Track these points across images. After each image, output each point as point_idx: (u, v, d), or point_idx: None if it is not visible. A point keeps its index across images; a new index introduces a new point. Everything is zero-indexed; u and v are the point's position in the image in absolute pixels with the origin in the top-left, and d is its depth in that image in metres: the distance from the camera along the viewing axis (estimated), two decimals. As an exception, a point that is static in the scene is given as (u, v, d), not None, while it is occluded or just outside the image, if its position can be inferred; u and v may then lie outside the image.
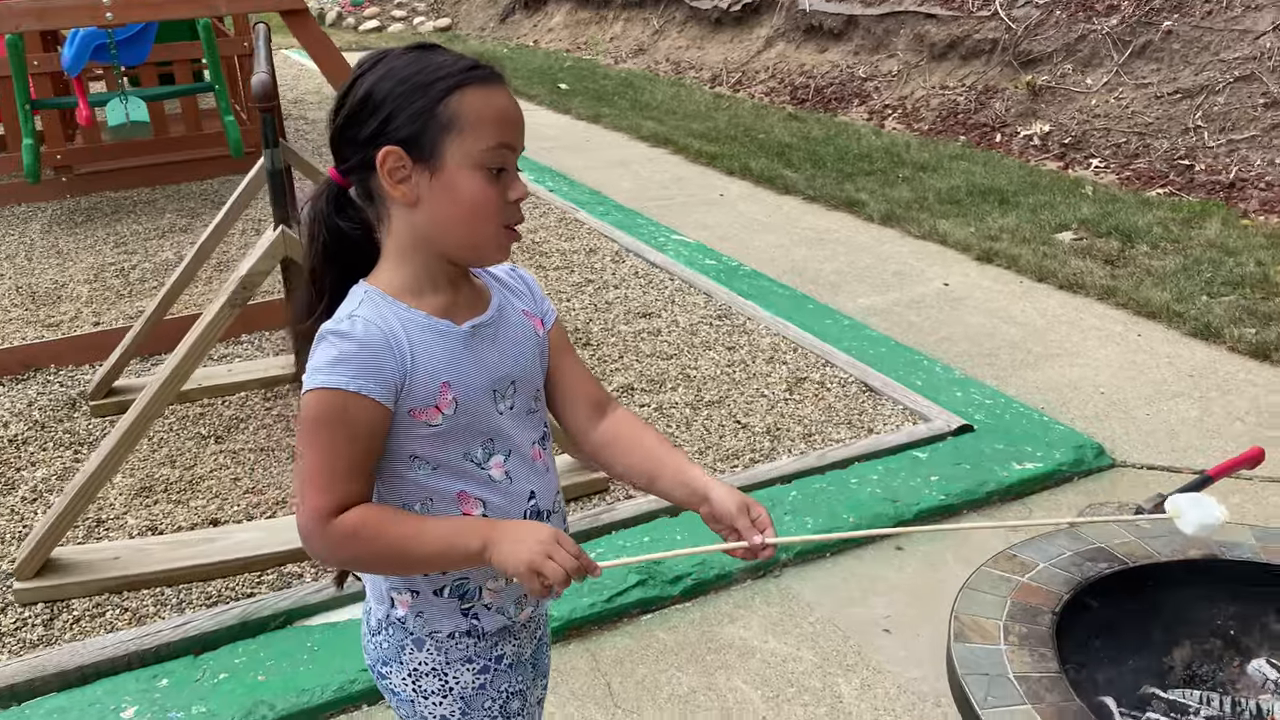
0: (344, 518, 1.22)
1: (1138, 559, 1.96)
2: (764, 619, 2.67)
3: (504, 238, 1.28)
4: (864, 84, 9.17)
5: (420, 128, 1.21)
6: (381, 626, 1.39)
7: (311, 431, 1.22)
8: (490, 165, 1.23)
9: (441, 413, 1.26)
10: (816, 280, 5.00)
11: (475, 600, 1.35)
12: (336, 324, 1.23)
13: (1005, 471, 3.20)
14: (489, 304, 1.34)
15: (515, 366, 1.34)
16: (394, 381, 1.22)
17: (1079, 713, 1.55)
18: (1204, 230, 5.44)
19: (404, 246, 1.27)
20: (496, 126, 1.23)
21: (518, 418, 1.34)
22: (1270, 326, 4.23)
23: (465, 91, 1.22)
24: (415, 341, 1.24)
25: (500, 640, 1.40)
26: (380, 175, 1.23)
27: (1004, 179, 6.53)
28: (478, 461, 1.30)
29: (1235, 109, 6.54)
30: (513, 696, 1.42)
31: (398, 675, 1.38)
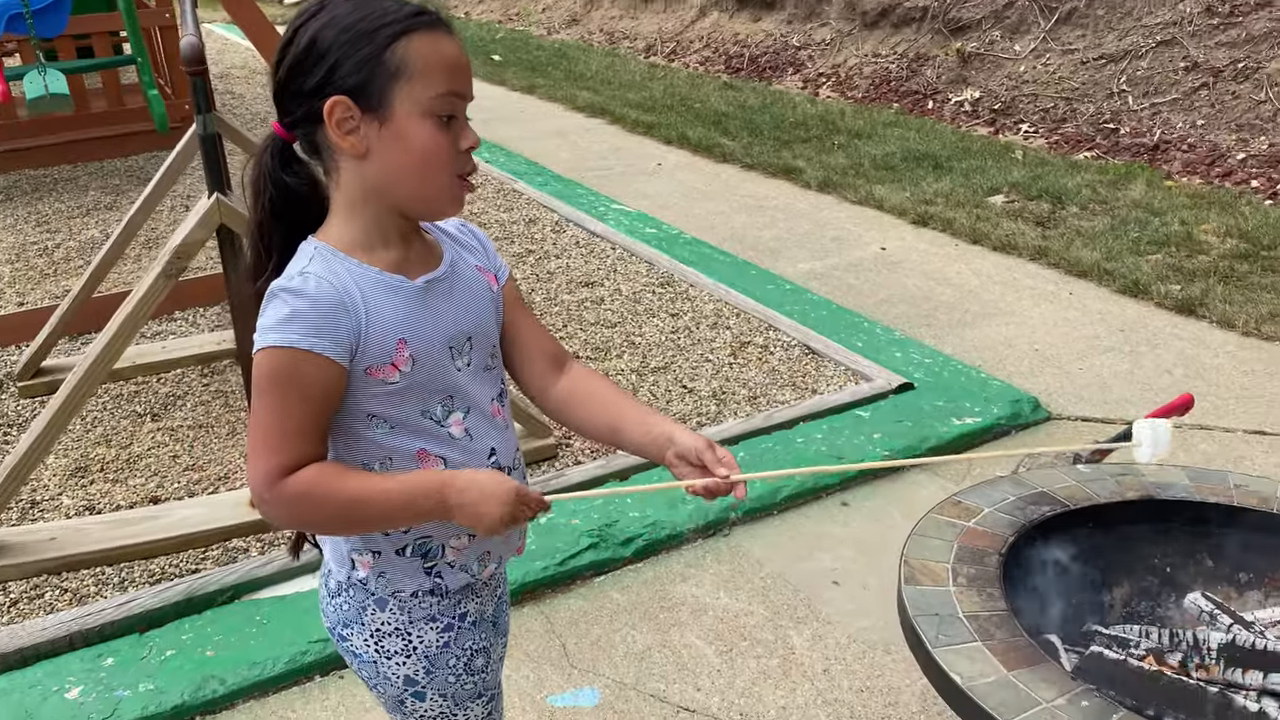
0: (295, 478, 1.20)
1: (1078, 501, 2.02)
2: (715, 576, 2.69)
3: (456, 188, 1.25)
4: (798, 53, 9.21)
5: (367, 76, 1.18)
6: (342, 589, 1.37)
7: (264, 391, 1.19)
8: (440, 112, 1.20)
9: (399, 370, 1.24)
10: (757, 246, 5.03)
11: (438, 558, 1.34)
12: (288, 281, 1.19)
13: (945, 427, 3.26)
14: (442, 259, 1.32)
15: (471, 322, 1.32)
16: (348, 339, 1.20)
17: (1027, 648, 1.60)
18: (1130, 191, 5.57)
19: (353, 200, 1.24)
20: (446, 73, 1.21)
21: (476, 374, 1.33)
22: (1194, 283, 4.37)
23: (412, 37, 1.19)
24: (369, 298, 1.22)
25: (463, 598, 1.38)
26: (328, 127, 1.19)
27: (937, 144, 6.62)
28: (437, 419, 1.29)
29: (1157, 73, 6.70)
30: (477, 654, 1.41)
31: (359, 637, 1.37)
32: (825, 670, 2.36)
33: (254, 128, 7.14)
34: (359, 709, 2.28)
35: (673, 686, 2.32)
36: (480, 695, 1.44)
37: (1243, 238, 4.81)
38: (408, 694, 1.39)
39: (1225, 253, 4.68)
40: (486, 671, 1.44)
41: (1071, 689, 1.50)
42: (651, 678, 2.35)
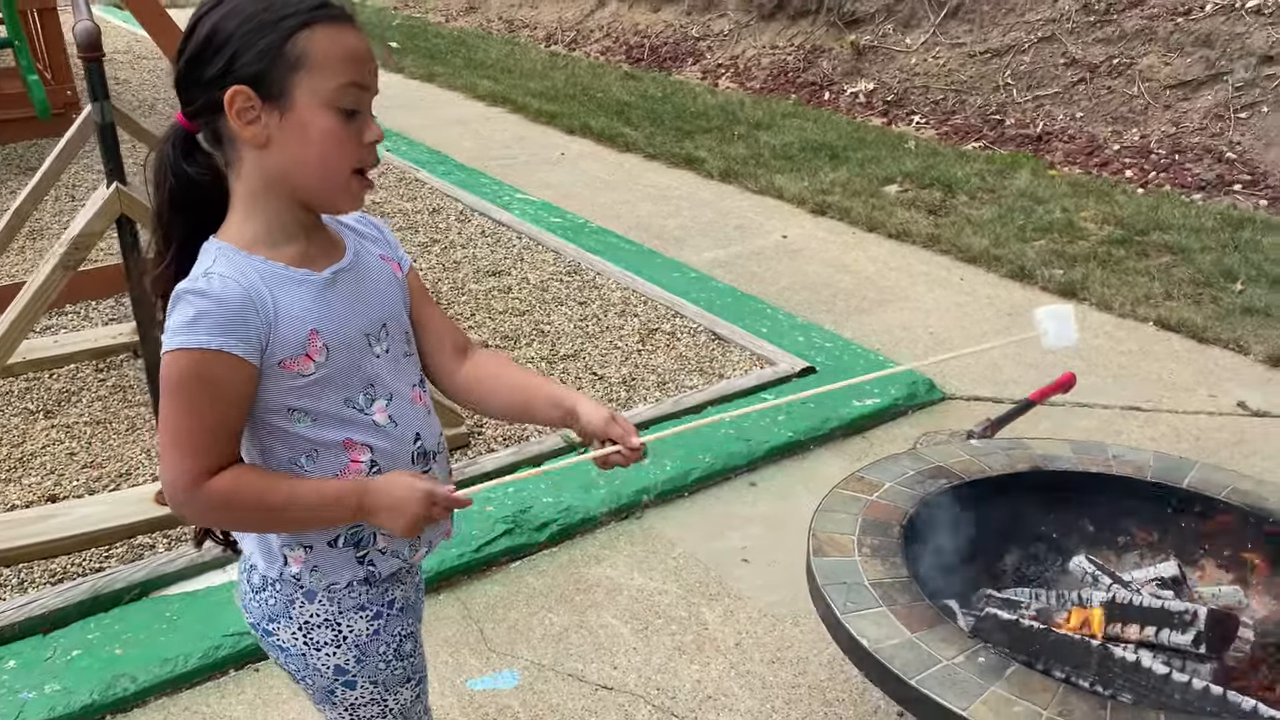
0: (216, 481, 1.21)
1: (972, 474, 2.14)
2: (629, 558, 2.75)
3: (356, 185, 1.26)
4: (697, 43, 9.31)
5: (268, 65, 1.18)
6: (268, 584, 1.37)
7: (174, 393, 1.20)
8: (342, 105, 1.21)
9: (313, 360, 1.25)
10: (661, 235, 5.10)
11: (370, 546, 1.35)
12: (192, 283, 1.20)
13: (846, 409, 3.38)
14: (345, 251, 1.33)
15: (384, 309, 1.34)
16: (257, 337, 1.21)
17: (928, 611, 1.70)
18: (1016, 180, 5.82)
19: (254, 190, 1.25)
20: (347, 64, 1.21)
21: (394, 361, 1.35)
22: (1076, 267, 4.60)
23: (314, 29, 1.19)
24: (276, 293, 1.23)
25: (390, 585, 1.40)
26: (229, 116, 1.19)
27: (834, 135, 6.79)
28: (359, 407, 1.30)
29: (1040, 68, 7.00)
30: (405, 639, 1.44)
31: (286, 631, 1.37)
32: (737, 644, 2.44)
33: (142, 114, 6.91)
34: (276, 701, 2.27)
35: (590, 666, 2.37)
36: (409, 679, 1.47)
37: (1118, 224, 5.09)
38: (338, 683, 1.40)
39: (1103, 239, 4.94)
40: (415, 656, 1.46)
41: (969, 647, 1.60)
42: (569, 658, 2.40)
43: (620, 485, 2.96)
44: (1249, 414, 3.44)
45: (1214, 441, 3.26)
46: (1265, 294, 4.22)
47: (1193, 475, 2.09)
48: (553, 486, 2.94)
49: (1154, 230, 4.97)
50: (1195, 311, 4.12)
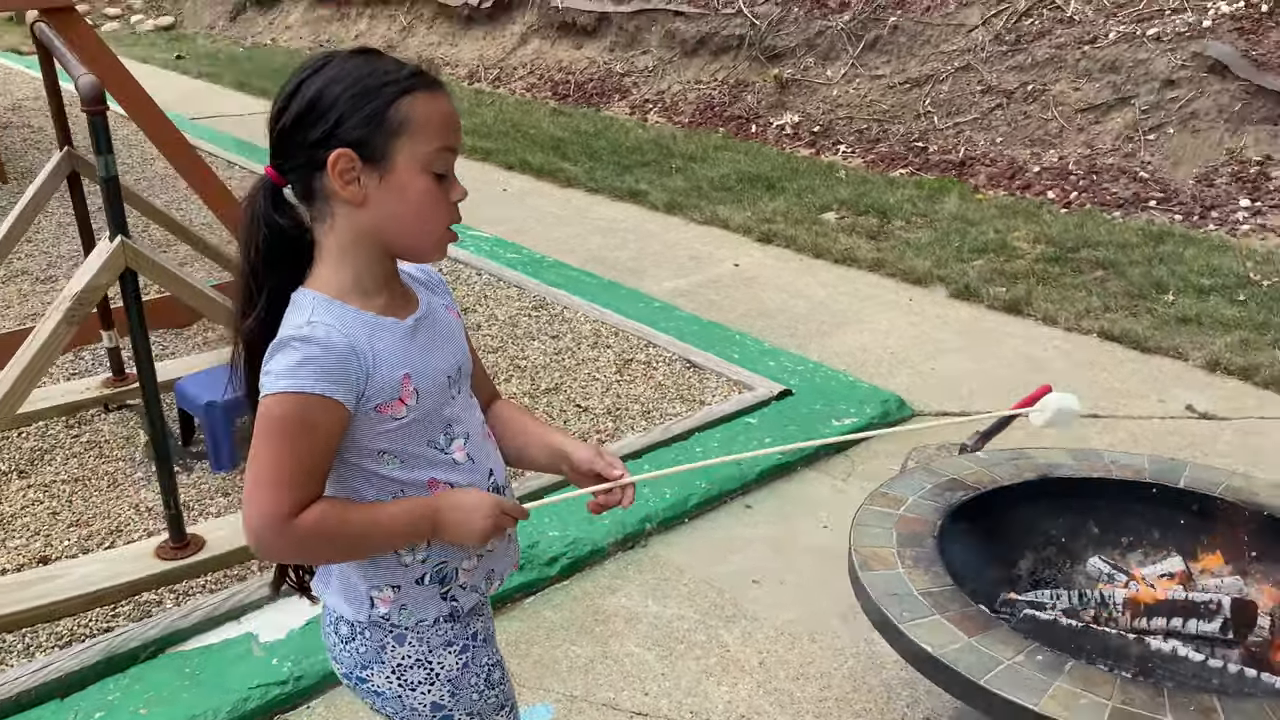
0: (304, 517, 1.26)
1: (985, 485, 2.26)
2: (641, 586, 2.80)
3: (445, 237, 1.33)
4: (622, 79, 9.47)
5: (371, 131, 1.24)
6: (356, 632, 1.41)
7: (275, 434, 1.24)
8: (437, 168, 1.28)
9: (405, 404, 1.31)
10: (618, 267, 5.18)
11: (453, 582, 1.40)
12: (296, 330, 1.25)
13: (827, 428, 3.50)
14: (419, 302, 1.39)
15: (459, 354, 1.41)
16: (356, 382, 1.26)
17: (979, 616, 1.80)
18: (945, 204, 6.08)
19: (345, 244, 1.30)
20: (442, 130, 1.28)
21: (466, 402, 1.42)
22: (1017, 284, 4.83)
23: (415, 96, 1.26)
24: (373, 340, 1.29)
25: (471, 619, 1.45)
26: (330, 175, 1.25)
27: (767, 166, 6.99)
28: (441, 447, 1.36)
29: (958, 96, 7.32)
30: (493, 668, 1.49)
31: (380, 675, 1.41)
32: (761, 663, 2.51)
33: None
34: (313, 750, 2.25)
35: (622, 694, 2.41)
36: (503, 707, 1.51)
37: (1049, 243, 5.35)
38: (436, 719, 1.44)
39: (1037, 257, 5.20)
40: (505, 683, 1.52)
41: (1026, 647, 1.70)
42: (600, 688, 2.43)
43: (624, 515, 3.00)
44: (1197, 416, 3.67)
45: (1171, 444, 3.46)
46: (1195, 303, 4.50)
47: (1187, 475, 2.24)
48: (557, 520, 2.98)
49: (1084, 247, 5.25)
50: (1135, 322, 4.37)
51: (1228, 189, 5.81)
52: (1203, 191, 5.87)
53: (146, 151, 6.88)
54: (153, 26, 15.29)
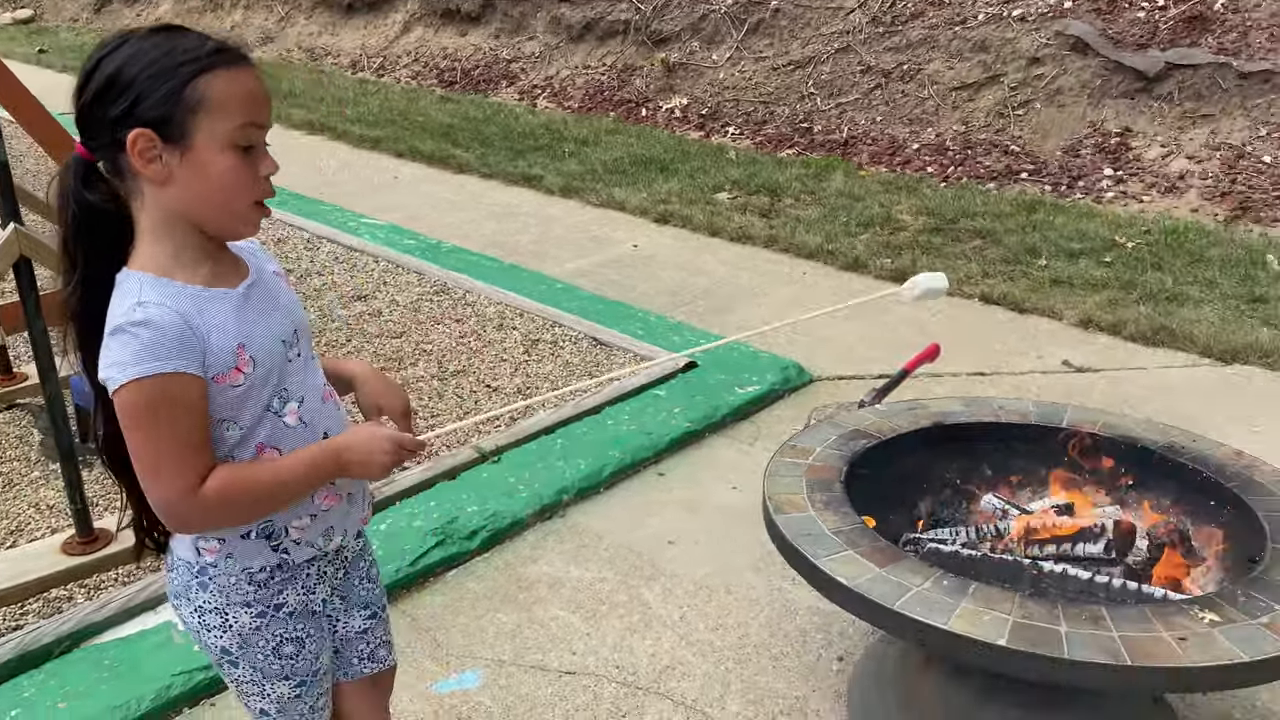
0: (209, 485, 1.30)
1: (886, 433, 2.39)
2: (562, 554, 2.87)
3: (254, 213, 1.34)
4: (509, 65, 9.45)
5: (170, 110, 1.24)
6: (175, 565, 1.47)
7: (146, 419, 1.27)
8: (239, 143, 1.28)
9: (242, 373, 1.33)
10: (518, 251, 5.21)
11: (284, 538, 1.45)
12: (128, 315, 1.26)
13: (732, 396, 3.62)
14: (249, 269, 1.40)
15: (294, 316, 1.44)
16: (198, 354, 1.29)
17: (888, 549, 1.92)
18: (832, 182, 6.28)
19: (158, 222, 1.31)
20: (244, 106, 1.28)
21: (305, 364, 1.45)
22: (902, 255, 5.04)
23: (214, 74, 1.26)
24: (203, 312, 1.30)
25: (285, 588, 1.48)
26: (130, 155, 1.25)
27: (658, 149, 7.09)
28: (276, 411, 1.39)
29: (839, 77, 7.55)
30: (288, 642, 1.51)
31: (186, 609, 1.48)
32: (682, 617, 2.60)
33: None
34: (243, 731, 2.25)
35: (549, 655, 2.48)
36: (289, 678, 1.54)
37: (930, 215, 5.60)
38: (224, 661, 1.51)
39: (920, 228, 5.43)
40: (297, 660, 1.53)
41: (932, 574, 1.83)
42: (528, 651, 2.49)
43: (540, 488, 3.06)
44: (1073, 370, 3.92)
45: (1050, 395, 3.69)
46: (1066, 267, 4.78)
47: (1069, 416, 2.42)
48: (477, 495, 3.01)
49: (962, 218, 5.50)
50: (1012, 286, 4.62)
51: (1092, 159, 6.16)
52: (1069, 162, 6.21)
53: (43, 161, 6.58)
54: (11, 20, 14.53)
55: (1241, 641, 1.63)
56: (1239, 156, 5.76)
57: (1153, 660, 1.60)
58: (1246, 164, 5.71)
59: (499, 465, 3.17)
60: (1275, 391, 3.70)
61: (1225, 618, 1.69)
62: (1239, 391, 3.71)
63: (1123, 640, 1.64)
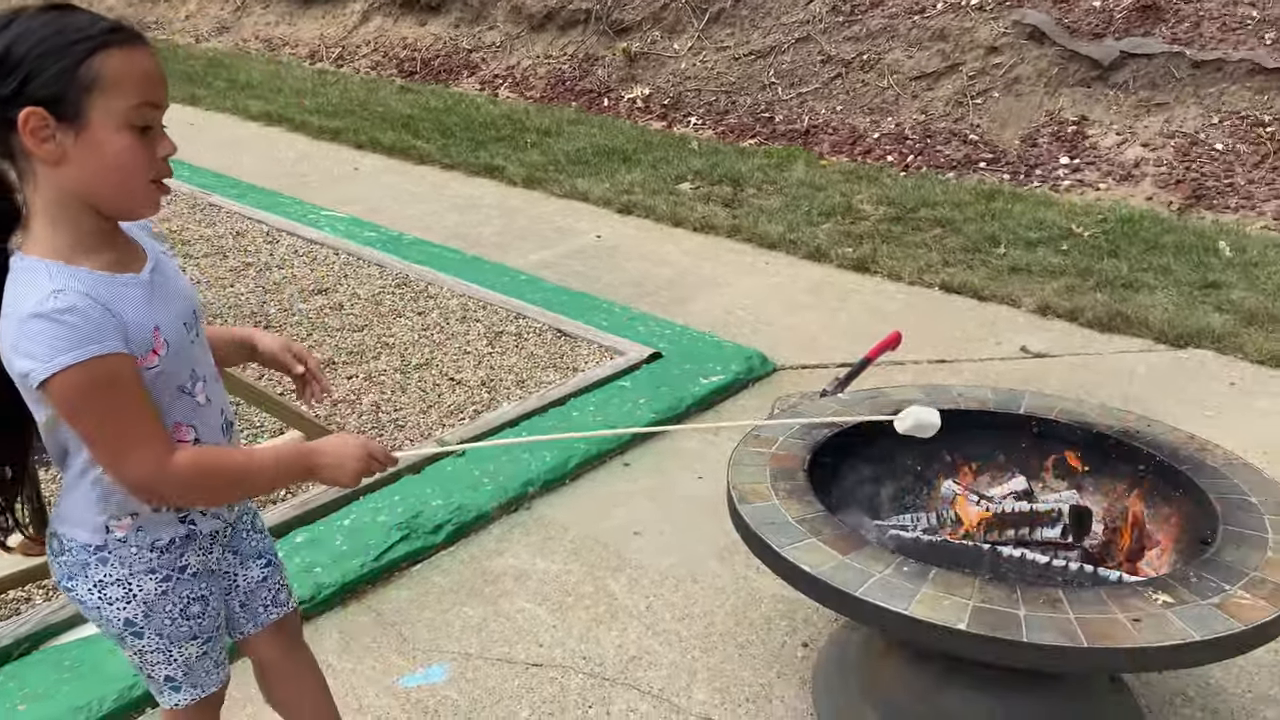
0: (179, 458, 1.35)
1: (847, 422, 2.41)
2: (527, 546, 2.87)
3: (152, 192, 1.34)
4: (470, 55, 9.39)
5: (63, 88, 1.23)
6: (65, 548, 1.48)
7: (95, 402, 1.28)
8: (136, 123, 1.28)
9: (158, 355, 1.36)
10: (480, 243, 5.19)
11: (192, 510, 1.51)
12: (45, 304, 1.24)
13: (696, 386, 3.63)
14: (147, 254, 1.42)
15: (191, 299, 1.48)
16: (122, 336, 1.30)
17: (851, 536, 1.94)
18: (793, 172, 6.31)
19: (52, 204, 1.29)
20: (140, 86, 1.28)
21: (201, 345, 1.49)
22: (863, 244, 5.08)
23: (108, 53, 1.25)
24: (117, 298, 1.31)
25: (186, 551, 1.52)
26: (23, 135, 1.24)
27: (621, 139, 7.08)
28: (188, 390, 1.44)
29: (800, 66, 7.58)
30: (194, 601, 1.55)
31: (83, 587, 1.49)
32: (648, 607, 2.61)
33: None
34: (208, 729, 2.23)
35: (516, 648, 2.48)
36: (196, 637, 1.58)
37: (891, 204, 5.64)
38: (128, 633, 1.53)
39: (880, 218, 5.47)
40: (204, 618, 1.58)
41: (894, 561, 1.85)
42: (494, 644, 2.49)
43: (505, 480, 3.06)
44: (1031, 356, 3.97)
45: (1009, 381, 3.74)
46: (1025, 255, 4.84)
47: (1026, 402, 2.45)
48: (441, 488, 3.01)
49: (922, 207, 5.55)
50: (971, 274, 4.67)
51: (1049, 148, 6.24)
52: (1027, 151, 6.28)
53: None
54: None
55: (1194, 621, 1.66)
56: (1192, 144, 5.87)
57: (1108, 641, 1.63)
58: (1199, 152, 5.82)
59: (463, 459, 3.16)
60: (1227, 375, 3.78)
61: (1178, 599, 1.72)
62: (1192, 376, 3.78)
63: (1079, 622, 1.67)
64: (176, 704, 1.60)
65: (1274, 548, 1.86)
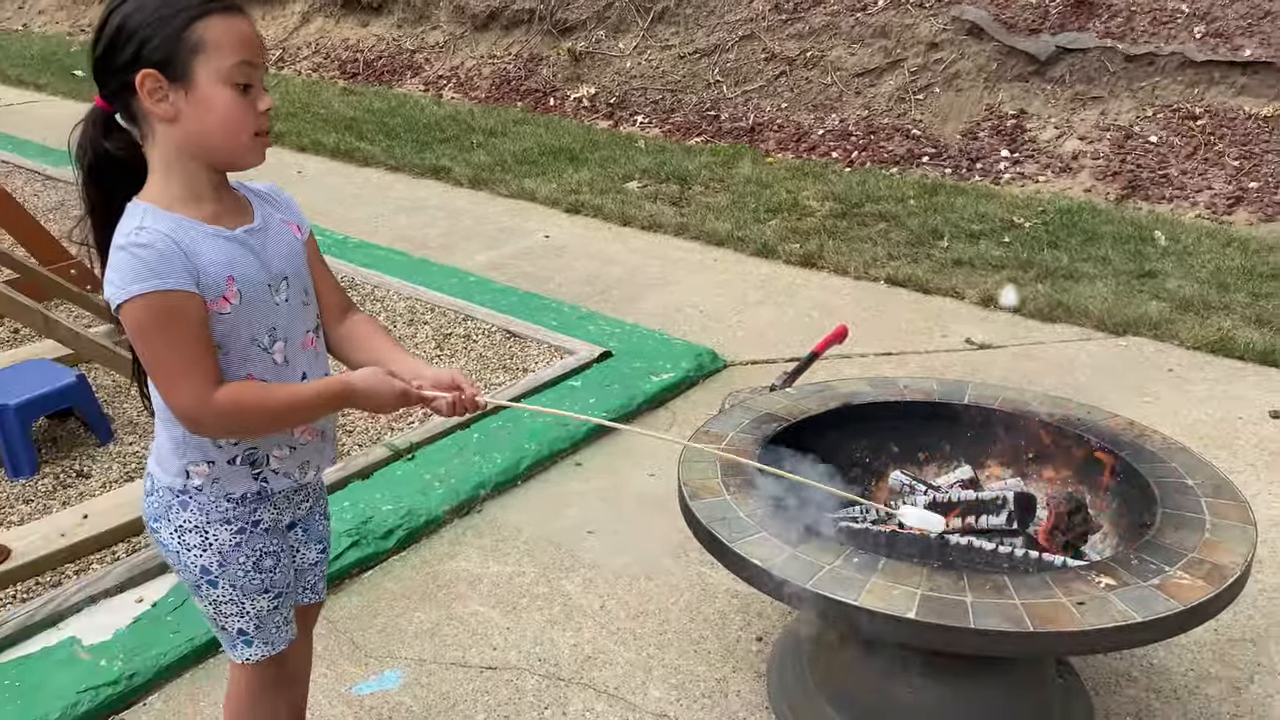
0: (221, 394, 1.43)
1: (796, 416, 2.43)
2: (479, 549, 2.85)
3: (257, 144, 1.47)
4: (413, 56, 9.31)
5: (171, 51, 1.38)
6: (155, 489, 1.58)
7: (153, 333, 1.40)
8: (238, 80, 1.41)
9: (230, 303, 1.46)
10: (427, 244, 5.15)
11: (264, 466, 1.58)
12: (127, 238, 1.38)
13: (647, 384, 3.64)
14: (254, 214, 1.54)
15: (285, 264, 1.55)
16: (192, 277, 1.41)
17: (801, 530, 1.96)
18: (740, 169, 6.35)
19: (169, 158, 1.44)
20: (239, 47, 1.42)
21: (294, 309, 1.56)
22: (810, 240, 5.12)
23: (209, 19, 1.39)
24: (198, 243, 1.43)
25: (260, 506, 1.61)
26: (141, 96, 1.39)
27: (568, 139, 7.07)
28: (264, 346, 1.51)
29: (744, 64, 7.62)
30: (266, 555, 1.63)
31: (166, 530, 1.59)
32: (602, 606, 2.61)
33: None
34: (156, 745, 2.19)
35: (470, 652, 2.46)
36: (267, 591, 1.65)
37: (836, 200, 5.70)
38: (203, 581, 1.61)
39: (826, 213, 5.52)
40: (275, 572, 1.65)
41: (843, 552, 1.87)
42: (448, 649, 2.47)
43: (456, 484, 3.04)
44: (975, 348, 4.03)
45: (954, 373, 3.79)
46: (968, 247, 4.91)
47: (970, 393, 2.49)
48: (390, 493, 2.98)
49: (867, 202, 5.61)
50: (916, 267, 4.73)
51: (990, 142, 6.33)
52: (968, 145, 6.38)
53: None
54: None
55: (1135, 603, 1.70)
56: (1127, 137, 5.99)
57: (1053, 625, 1.66)
58: (1134, 144, 5.94)
59: (413, 462, 3.14)
60: (1163, 361, 3.87)
61: (1120, 581, 1.76)
62: (1131, 363, 3.87)
63: (1025, 607, 1.70)
64: (248, 659, 1.66)
65: (1210, 529, 1.90)
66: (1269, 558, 2.72)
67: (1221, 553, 1.83)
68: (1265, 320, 4.08)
